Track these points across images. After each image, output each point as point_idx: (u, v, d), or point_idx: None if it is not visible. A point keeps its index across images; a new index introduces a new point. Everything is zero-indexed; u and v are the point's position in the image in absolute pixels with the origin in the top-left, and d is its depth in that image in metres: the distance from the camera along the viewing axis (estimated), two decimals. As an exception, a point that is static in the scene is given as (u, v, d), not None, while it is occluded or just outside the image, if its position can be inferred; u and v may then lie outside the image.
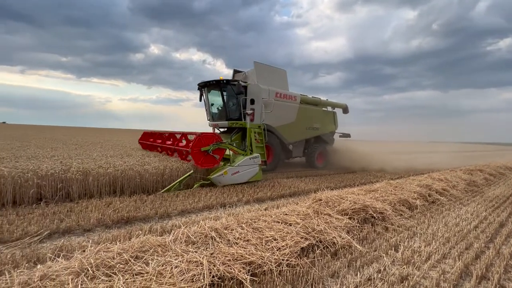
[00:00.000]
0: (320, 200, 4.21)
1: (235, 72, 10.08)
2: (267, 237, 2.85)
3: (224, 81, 8.62)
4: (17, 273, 2.00)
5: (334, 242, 3.04)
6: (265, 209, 4.22)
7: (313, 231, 3.13)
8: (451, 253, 3.06)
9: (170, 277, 2.04)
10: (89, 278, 1.99)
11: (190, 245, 2.59)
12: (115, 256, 2.26)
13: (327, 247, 2.97)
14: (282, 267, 2.43)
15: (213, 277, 2.16)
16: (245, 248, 2.58)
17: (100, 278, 2.00)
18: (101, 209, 3.98)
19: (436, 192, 5.85)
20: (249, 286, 2.13)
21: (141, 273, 2.09)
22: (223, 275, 2.21)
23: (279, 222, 3.29)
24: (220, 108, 9.26)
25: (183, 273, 2.11)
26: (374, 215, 3.96)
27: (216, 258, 2.35)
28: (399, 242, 3.28)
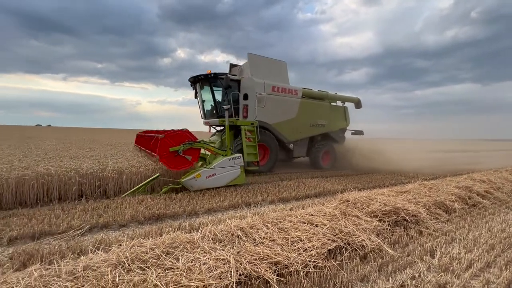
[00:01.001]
0: (348, 201, 4.08)
1: (232, 66, 9.23)
2: (293, 237, 2.83)
3: (212, 75, 7.83)
4: (64, 263, 2.20)
5: (363, 245, 2.93)
6: (290, 209, 4.19)
7: (340, 233, 3.05)
8: (496, 261, 2.80)
9: (199, 273, 2.11)
10: (125, 270, 2.13)
11: (217, 243, 2.65)
12: (148, 251, 2.39)
13: (356, 250, 2.87)
14: (309, 269, 2.39)
15: (240, 275, 2.19)
16: (271, 248, 2.58)
17: (135, 271, 2.13)
18: (134, 206, 4.23)
19: (478, 195, 5.38)
20: (275, 286, 2.13)
21: (172, 268, 2.19)
22: (250, 274, 2.23)
23: (305, 223, 3.25)
24: (213, 105, 8.56)
25: (211, 270, 2.17)
26: (407, 218, 3.74)
27: (243, 256, 2.38)
28: (436, 247, 3.07)
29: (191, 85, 8.79)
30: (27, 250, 2.62)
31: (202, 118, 9.15)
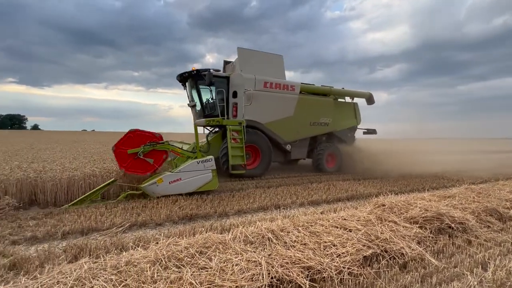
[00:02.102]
0: (383, 205, 3.85)
1: (226, 63, 8.71)
2: (325, 242, 2.74)
3: (195, 72, 7.26)
4: (108, 257, 2.37)
5: (403, 253, 2.74)
6: (321, 213, 4.08)
7: (376, 239, 2.88)
8: None
9: (231, 274, 2.14)
10: (162, 267, 2.24)
11: (248, 245, 2.67)
12: (182, 250, 2.49)
13: (394, 258, 2.69)
14: (344, 275, 2.30)
15: (271, 278, 2.18)
16: (302, 252, 2.53)
17: (171, 268, 2.23)
18: (169, 206, 4.44)
19: (539, 201, 4.73)
20: (308, 291, 2.08)
21: (206, 267, 2.25)
22: (282, 278, 2.21)
23: (337, 227, 3.13)
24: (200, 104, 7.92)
25: (243, 272, 2.19)
26: (452, 225, 3.42)
27: (274, 259, 2.36)
28: (488, 259, 2.76)
29: (182, 85, 8.16)
30: (78, 244, 2.89)
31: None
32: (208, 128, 8.38)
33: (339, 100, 9.72)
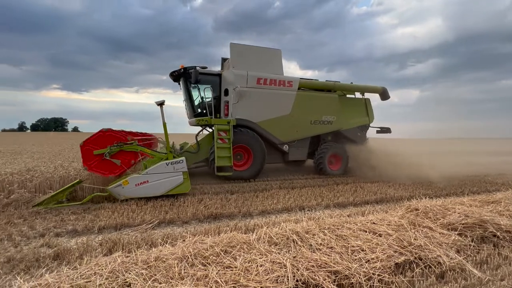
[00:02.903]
0: (417, 209, 3.61)
1: (223, 60, 8.20)
2: (353, 246, 2.63)
3: (181, 71, 7.00)
4: (139, 252, 2.49)
5: (440, 262, 2.54)
6: (348, 216, 3.93)
7: (409, 246, 2.70)
8: None
9: (256, 275, 2.13)
10: (189, 264, 2.30)
11: (272, 246, 2.65)
12: (208, 248, 2.54)
13: (430, 267, 2.50)
14: (373, 282, 2.19)
15: (296, 281, 2.14)
16: (329, 255, 2.45)
17: (197, 266, 2.28)
18: (195, 204, 4.56)
19: None
20: (335, 297, 2.01)
21: (230, 267, 2.27)
22: (307, 281, 2.15)
23: (366, 231, 3.00)
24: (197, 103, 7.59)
25: (268, 273, 2.17)
26: (498, 233, 3.11)
27: (299, 262, 2.32)
28: (542, 273, 2.46)
29: (178, 84, 7.79)
30: (112, 239, 3.07)
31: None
32: (208, 129, 7.95)
33: (347, 96, 8.93)
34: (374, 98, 9.36)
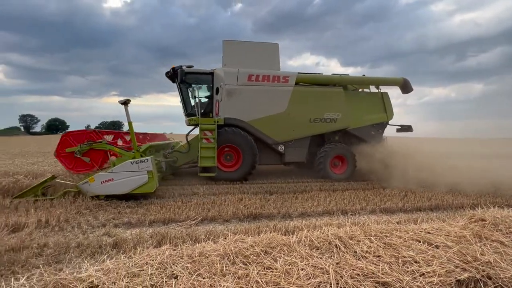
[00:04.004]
0: (483, 220, 3.15)
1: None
2: (404, 256, 2.40)
3: (171, 71, 6.93)
4: (185, 247, 2.64)
5: (515, 283, 2.17)
6: (397, 223, 3.61)
7: (474, 261, 2.36)
8: None
9: (297, 278, 2.09)
10: (230, 262, 2.35)
11: (314, 250, 2.57)
12: (248, 248, 2.57)
13: (502, 288, 2.15)
14: (430, 299, 1.96)
15: (340, 289, 2.03)
16: (376, 264, 2.28)
17: (238, 264, 2.32)
18: (235, 203, 4.68)
19: None
20: (384, 310, 1.86)
21: (271, 268, 2.26)
22: (352, 290, 2.03)
23: (419, 241, 2.71)
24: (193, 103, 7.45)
25: (309, 278, 2.11)
26: None
27: (343, 269, 2.20)
28: None
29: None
30: (161, 232, 3.32)
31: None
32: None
33: (360, 90, 8.09)
34: (392, 93, 8.26)
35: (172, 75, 7.04)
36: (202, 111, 6.94)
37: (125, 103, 5.07)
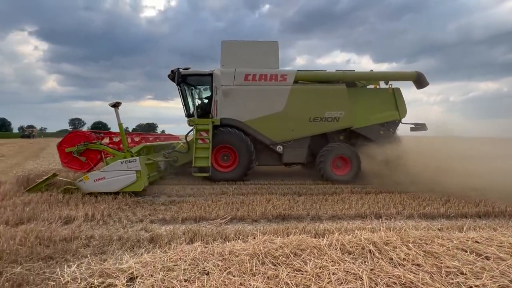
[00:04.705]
0: (545, 230, 2.77)
1: None
2: (448, 267, 2.21)
3: (170, 74, 6.95)
4: (215, 245, 2.72)
5: None
6: (439, 230, 3.33)
7: (534, 277, 2.09)
8: None
9: (328, 283, 2.04)
10: (260, 262, 2.37)
11: (346, 254, 2.48)
12: (278, 248, 2.56)
13: None
14: (479, 315, 1.78)
15: (375, 297, 1.94)
16: (415, 274, 2.13)
17: (268, 265, 2.33)
18: (263, 204, 4.69)
19: None
20: (425, 323, 1.73)
21: (301, 270, 2.23)
22: (388, 299, 1.93)
23: (466, 251, 2.48)
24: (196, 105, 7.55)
25: (341, 283, 2.04)
26: None
27: (378, 276, 2.09)
28: None
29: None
30: (193, 229, 3.45)
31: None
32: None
33: (368, 87, 7.50)
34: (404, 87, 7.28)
35: (173, 77, 7.15)
36: (201, 112, 7.11)
37: (115, 105, 5.32)
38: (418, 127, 7.51)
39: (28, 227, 3.42)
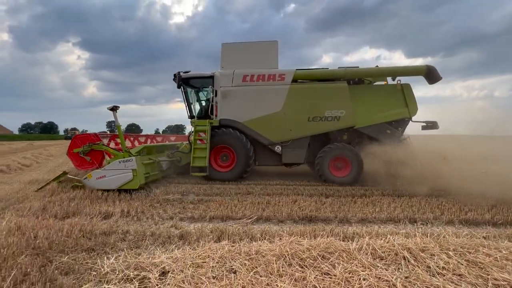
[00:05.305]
0: None
1: None
2: (495, 279, 2.01)
3: (174, 77, 7.23)
4: (242, 244, 2.75)
5: None
6: (485, 238, 3.04)
7: None
8: None
9: (358, 288, 1.96)
10: (286, 263, 2.35)
11: (377, 260, 2.37)
12: (305, 250, 2.52)
13: None
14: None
15: (411, 306, 1.82)
16: (456, 284, 1.97)
17: (295, 266, 2.30)
18: (289, 205, 4.65)
19: None
20: None
21: (329, 274, 2.17)
22: (426, 310, 1.80)
23: (517, 263, 2.23)
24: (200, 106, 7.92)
25: (373, 289, 1.95)
26: None
27: (414, 285, 1.96)
28: None
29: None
30: (220, 228, 3.53)
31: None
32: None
33: (375, 84, 7.15)
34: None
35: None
36: (203, 113, 7.42)
37: (113, 109, 5.67)
38: (429, 125, 6.99)
39: (73, 220, 3.75)
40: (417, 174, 5.73)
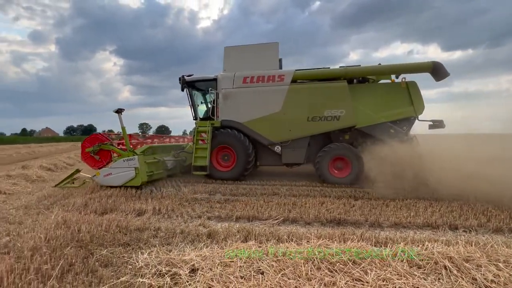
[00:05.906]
0: None
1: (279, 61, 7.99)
2: (558, 297, 1.77)
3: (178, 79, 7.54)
4: (269, 245, 2.74)
5: None
6: (542, 249, 2.70)
7: None
8: None
9: (394, 298, 1.84)
10: (315, 267, 2.29)
11: (414, 268, 2.21)
12: (334, 254, 2.44)
13: None
14: None
15: (454, 321, 1.67)
16: (509, 300, 1.77)
17: (324, 270, 2.23)
18: (316, 207, 4.54)
19: None
20: None
21: (361, 280, 2.08)
22: (472, 326, 1.64)
23: None
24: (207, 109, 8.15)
25: (410, 300, 1.82)
26: None
27: (458, 298, 1.80)
28: None
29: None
30: (246, 228, 3.55)
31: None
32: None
33: (379, 82, 7.02)
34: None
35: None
36: (207, 114, 7.68)
37: (118, 111, 6.03)
38: (436, 124, 6.65)
39: (111, 216, 4.02)
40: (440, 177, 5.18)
